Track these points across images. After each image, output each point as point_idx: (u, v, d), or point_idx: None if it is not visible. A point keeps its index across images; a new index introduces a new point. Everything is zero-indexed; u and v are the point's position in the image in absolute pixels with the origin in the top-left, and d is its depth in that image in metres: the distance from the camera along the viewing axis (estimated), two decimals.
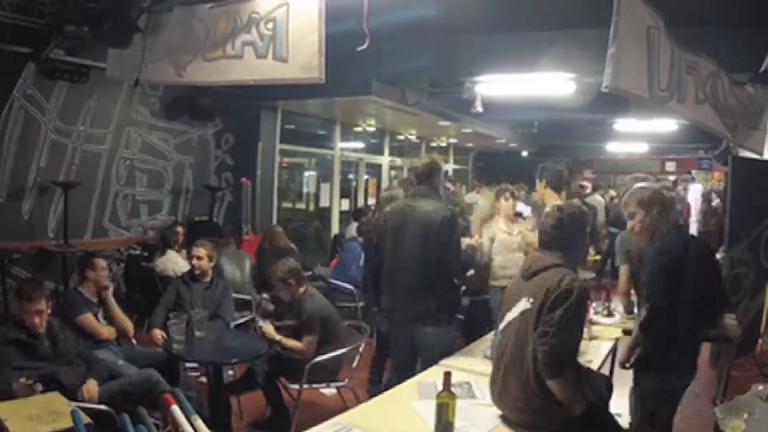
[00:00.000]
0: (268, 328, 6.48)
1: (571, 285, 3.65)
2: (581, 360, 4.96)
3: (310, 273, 8.59)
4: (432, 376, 4.53)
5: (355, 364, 6.44)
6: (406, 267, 5.68)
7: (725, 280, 7.72)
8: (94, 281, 6.22)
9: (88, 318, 5.98)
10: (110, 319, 6.25)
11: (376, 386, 6.71)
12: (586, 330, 5.81)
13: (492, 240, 7.38)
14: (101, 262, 6.34)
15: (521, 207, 9.52)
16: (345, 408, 4.45)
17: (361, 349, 6.40)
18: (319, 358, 5.96)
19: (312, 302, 6.52)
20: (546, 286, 3.69)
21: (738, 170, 7.80)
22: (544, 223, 4.07)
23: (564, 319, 3.58)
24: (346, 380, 6.40)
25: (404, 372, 5.16)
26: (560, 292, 3.63)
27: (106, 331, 6.08)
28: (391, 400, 4.29)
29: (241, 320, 8.28)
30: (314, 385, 6.18)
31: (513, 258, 7.18)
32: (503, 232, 7.46)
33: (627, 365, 4.88)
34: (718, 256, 7.46)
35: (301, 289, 6.57)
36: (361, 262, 8.65)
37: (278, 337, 6.38)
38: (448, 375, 3.59)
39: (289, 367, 6.18)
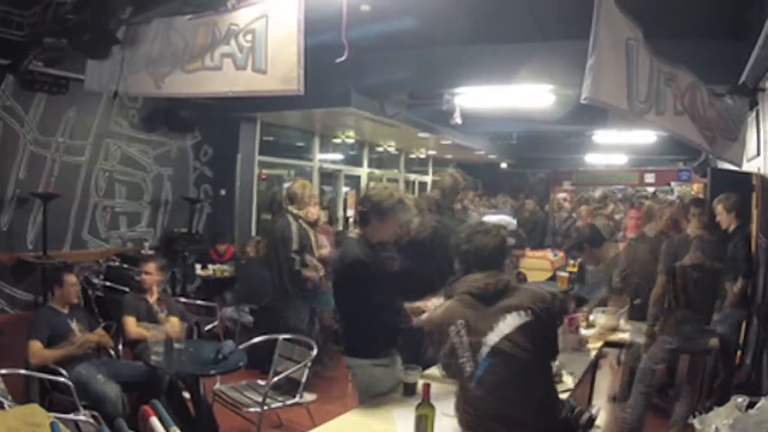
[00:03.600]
0: None
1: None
2: (564, 371, 5.01)
3: None
4: None
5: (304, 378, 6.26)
6: None
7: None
8: (64, 295, 6.31)
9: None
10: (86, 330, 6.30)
11: None
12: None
13: None
14: (71, 278, 6.43)
15: (505, 218, 9.55)
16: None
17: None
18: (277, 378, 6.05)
19: None
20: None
21: (717, 181, 7.87)
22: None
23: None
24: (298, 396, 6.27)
25: None
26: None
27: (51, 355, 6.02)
28: (370, 411, 4.28)
29: (210, 326, 8.49)
30: (272, 406, 6.15)
31: None
32: None
33: None
34: None
35: None
36: None
37: None
38: (427, 386, 3.60)
39: None
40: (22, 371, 5.59)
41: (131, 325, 6.49)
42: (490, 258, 3.87)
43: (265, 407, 5.86)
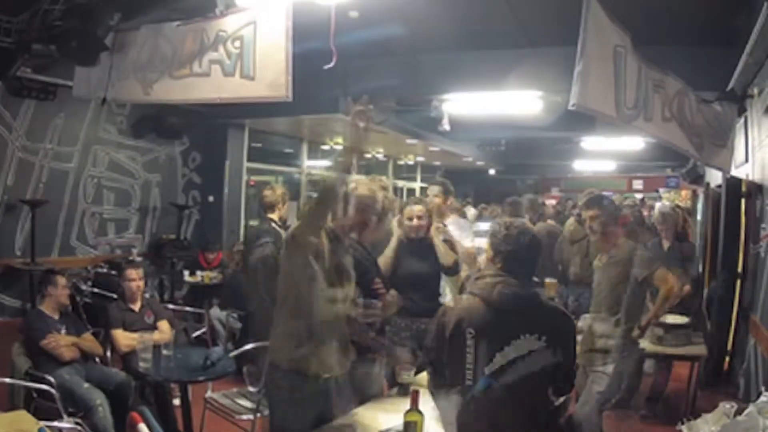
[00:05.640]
0: None
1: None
2: None
3: None
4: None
5: None
6: None
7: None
8: (55, 298, 6.31)
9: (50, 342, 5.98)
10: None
11: None
12: None
13: None
14: (62, 279, 6.42)
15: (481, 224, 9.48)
16: None
17: None
18: None
19: None
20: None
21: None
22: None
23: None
24: None
25: None
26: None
27: (68, 353, 6.05)
28: (360, 417, 4.25)
29: (198, 333, 8.60)
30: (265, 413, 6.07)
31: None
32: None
33: None
34: None
35: None
36: None
37: None
38: (416, 393, 3.60)
39: None
40: (7, 380, 5.59)
41: (120, 337, 6.43)
42: (515, 262, 3.53)
43: (258, 414, 5.82)
